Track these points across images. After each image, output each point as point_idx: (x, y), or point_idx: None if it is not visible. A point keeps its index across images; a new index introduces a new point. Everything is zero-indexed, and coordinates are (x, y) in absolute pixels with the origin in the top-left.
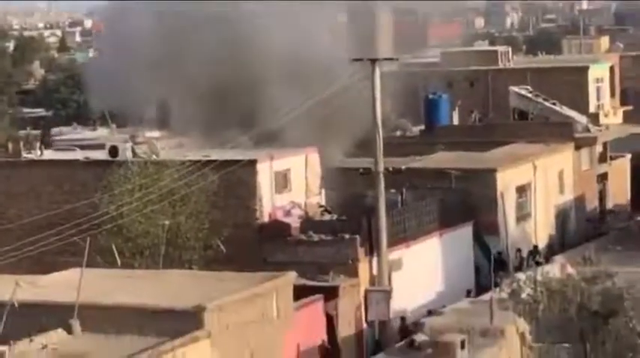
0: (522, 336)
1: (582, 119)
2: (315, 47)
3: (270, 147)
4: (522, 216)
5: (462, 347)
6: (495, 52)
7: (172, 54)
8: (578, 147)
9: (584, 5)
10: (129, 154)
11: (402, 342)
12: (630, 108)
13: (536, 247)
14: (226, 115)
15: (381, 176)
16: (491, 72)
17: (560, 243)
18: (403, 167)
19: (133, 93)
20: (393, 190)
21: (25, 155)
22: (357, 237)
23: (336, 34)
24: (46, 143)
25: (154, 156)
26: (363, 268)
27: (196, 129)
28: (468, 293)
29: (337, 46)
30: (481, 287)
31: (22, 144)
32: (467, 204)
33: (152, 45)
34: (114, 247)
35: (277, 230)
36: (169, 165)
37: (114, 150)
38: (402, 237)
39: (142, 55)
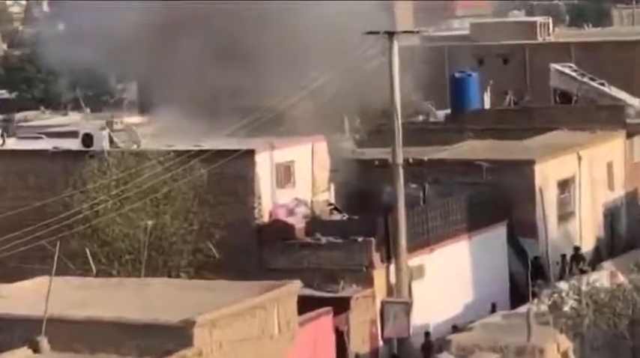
0: (565, 356)
1: (635, 102)
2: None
3: (271, 135)
4: (565, 214)
5: None
6: (533, 23)
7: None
8: (630, 135)
9: None
10: (105, 144)
11: None
12: None
13: (579, 251)
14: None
15: (400, 169)
16: (528, 47)
17: (609, 247)
18: (426, 158)
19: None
20: (413, 185)
21: None
22: (372, 239)
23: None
24: (9, 130)
25: (135, 146)
26: (378, 276)
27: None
28: (493, 308)
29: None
30: (516, 298)
31: None
32: (500, 202)
33: None
34: (88, 252)
35: (279, 231)
36: (152, 157)
37: (88, 139)
38: (424, 240)
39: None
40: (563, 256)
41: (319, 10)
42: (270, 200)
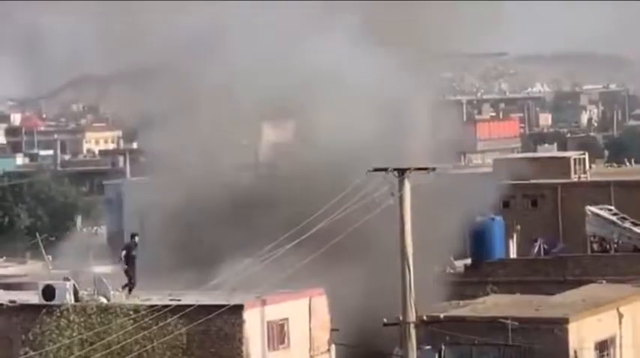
0: None
1: None
2: None
3: (262, 288)
4: None
5: None
6: (567, 159)
7: None
8: None
9: None
10: (69, 297)
11: None
12: None
13: None
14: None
15: (412, 327)
16: (561, 186)
17: None
18: (442, 315)
19: None
20: (428, 347)
21: None
22: None
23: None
24: None
25: (103, 300)
26: None
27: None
28: None
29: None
30: None
31: None
32: None
33: None
34: None
35: None
36: (122, 312)
37: (49, 292)
38: None
39: None
40: None
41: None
42: None
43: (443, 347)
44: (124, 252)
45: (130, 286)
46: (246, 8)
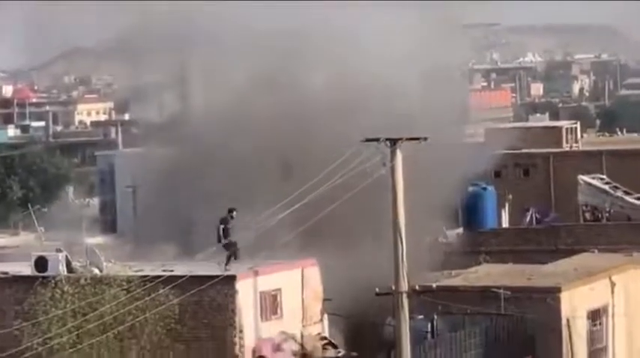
0: None
1: None
2: None
3: (254, 259)
4: (596, 351)
5: None
6: (559, 128)
7: None
8: None
9: None
10: (62, 268)
11: None
12: None
13: None
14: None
15: (405, 297)
16: (553, 156)
17: None
18: (434, 285)
19: None
20: (420, 316)
21: None
22: None
23: None
24: None
25: (96, 271)
26: None
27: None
28: None
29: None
30: None
31: None
32: (521, 336)
33: None
34: None
35: None
36: (115, 283)
37: (41, 263)
38: None
39: None
40: None
41: None
42: (254, 334)
43: (435, 316)
44: (221, 226)
45: (233, 256)
46: None
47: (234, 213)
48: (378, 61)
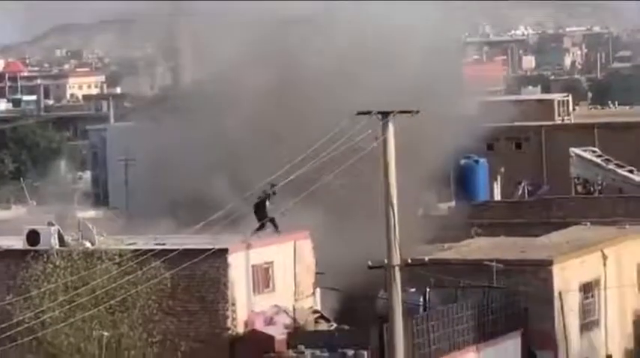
0: None
1: None
2: None
3: (246, 231)
4: (588, 323)
5: None
6: (551, 101)
7: None
8: None
9: None
10: (54, 242)
11: None
12: None
13: None
14: None
15: (397, 270)
16: (545, 129)
17: None
18: (427, 258)
19: None
20: (413, 289)
21: None
22: (365, 353)
23: None
24: None
25: (88, 245)
26: None
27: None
28: None
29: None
30: None
31: None
32: (513, 309)
33: None
34: None
35: (256, 344)
36: (107, 257)
37: (34, 237)
38: (425, 352)
39: None
40: None
41: None
42: (246, 307)
43: (427, 289)
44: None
45: (269, 226)
46: None
47: (275, 188)
48: (374, 34)
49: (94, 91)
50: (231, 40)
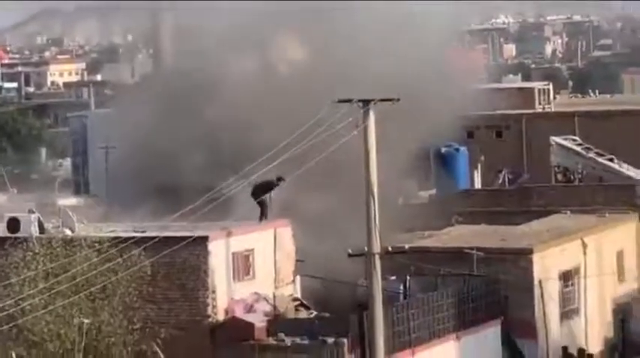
0: None
1: None
2: None
3: (227, 219)
4: (568, 311)
5: None
6: (531, 89)
7: None
8: None
9: None
10: (34, 229)
11: None
12: None
13: (584, 354)
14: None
15: (377, 258)
16: (525, 117)
17: (620, 350)
18: (407, 246)
19: None
20: (393, 277)
21: None
22: (345, 341)
23: None
24: None
25: (68, 232)
26: None
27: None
28: None
29: None
30: None
31: None
32: (493, 297)
33: None
34: (14, 356)
35: (236, 331)
36: (87, 244)
37: (14, 224)
38: (405, 340)
39: None
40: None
41: None
42: (226, 295)
43: (408, 277)
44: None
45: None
46: None
47: (282, 181)
48: (359, 21)
49: (75, 79)
50: (212, 26)
